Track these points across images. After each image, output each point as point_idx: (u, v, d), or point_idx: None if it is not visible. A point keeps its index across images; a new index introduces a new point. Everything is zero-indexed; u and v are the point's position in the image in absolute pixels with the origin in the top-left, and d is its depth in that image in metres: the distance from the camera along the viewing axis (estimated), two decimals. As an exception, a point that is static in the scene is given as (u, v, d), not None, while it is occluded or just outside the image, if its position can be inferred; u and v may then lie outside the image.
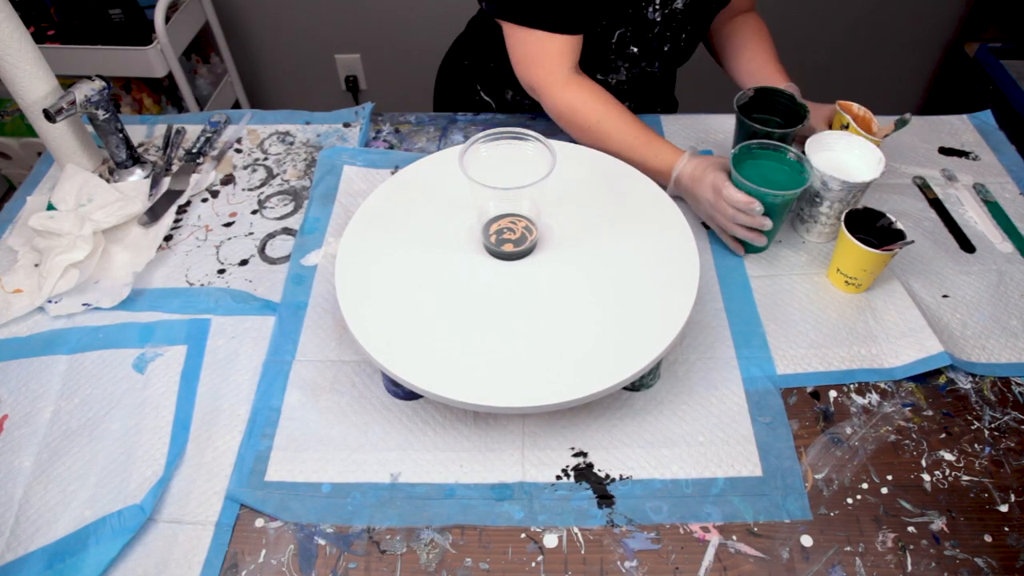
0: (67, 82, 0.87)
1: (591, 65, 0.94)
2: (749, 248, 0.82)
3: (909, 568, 0.59)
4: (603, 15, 0.86)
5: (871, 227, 0.77)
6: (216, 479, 0.65)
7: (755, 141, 0.79)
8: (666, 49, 0.94)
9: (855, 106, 0.88)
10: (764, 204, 0.75)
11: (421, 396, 0.68)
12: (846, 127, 0.85)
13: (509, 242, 0.70)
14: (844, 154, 0.82)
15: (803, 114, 0.84)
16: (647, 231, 0.75)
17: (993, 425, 0.69)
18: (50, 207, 0.86)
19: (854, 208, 0.78)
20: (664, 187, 0.82)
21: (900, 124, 0.85)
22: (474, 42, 1.06)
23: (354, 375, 0.72)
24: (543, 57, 0.83)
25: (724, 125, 1.01)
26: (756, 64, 0.95)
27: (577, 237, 0.75)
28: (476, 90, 1.07)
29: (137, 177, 0.93)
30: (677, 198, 0.87)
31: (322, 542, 0.61)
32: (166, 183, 0.93)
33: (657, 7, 0.86)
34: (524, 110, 1.05)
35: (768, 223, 0.76)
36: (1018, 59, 1.83)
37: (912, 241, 0.76)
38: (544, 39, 0.82)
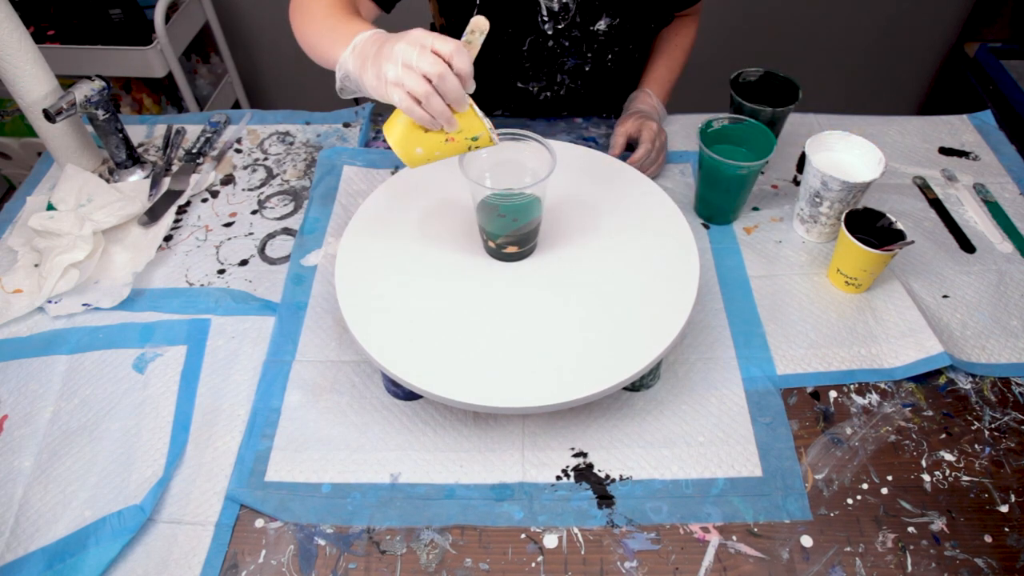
0: (67, 82, 0.87)
1: (509, 72, 0.95)
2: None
3: (909, 568, 0.59)
4: (506, 22, 0.87)
5: (871, 227, 0.77)
6: (216, 479, 0.65)
7: None
8: (587, 69, 0.94)
9: None
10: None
11: (421, 396, 0.68)
12: None
13: (512, 245, 0.70)
14: (844, 154, 0.82)
15: (795, 96, 0.87)
16: (647, 231, 0.75)
17: (993, 425, 0.69)
18: (50, 207, 0.86)
19: (854, 208, 0.78)
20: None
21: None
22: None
23: (354, 375, 0.72)
24: None
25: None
26: (647, 78, 0.99)
27: (577, 237, 0.75)
28: None
29: (137, 177, 0.93)
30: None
31: (322, 542, 0.61)
32: (166, 183, 0.93)
33: (546, 18, 0.87)
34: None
35: (455, 121, 0.58)
36: (1018, 59, 1.83)
37: (912, 241, 0.76)
38: None
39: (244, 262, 0.84)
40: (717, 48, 1.89)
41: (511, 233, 0.69)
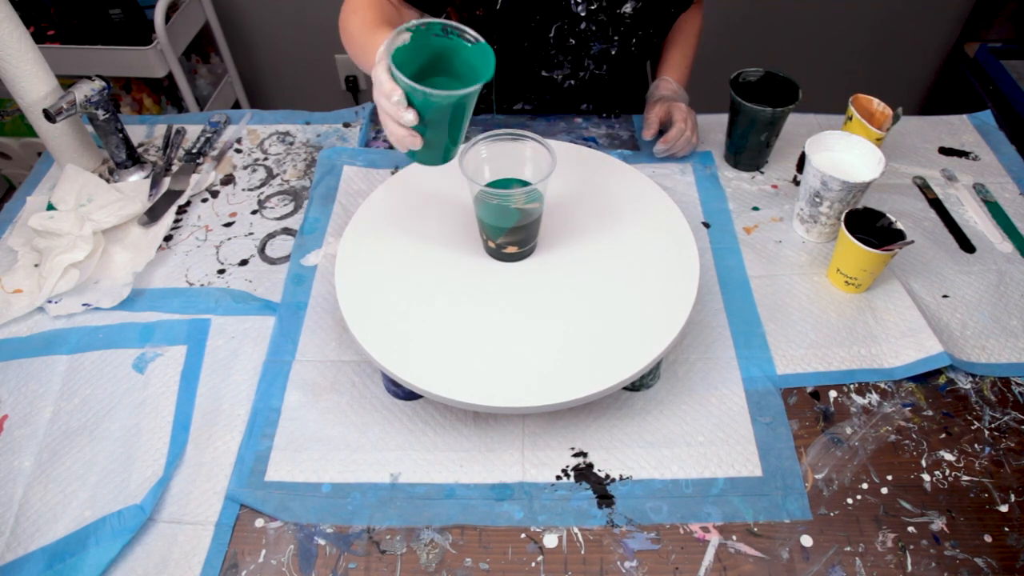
0: (67, 82, 0.87)
1: (533, 59, 0.95)
2: (412, 155, 0.68)
3: (909, 568, 0.59)
4: (534, 9, 0.89)
5: (871, 227, 0.77)
6: (216, 479, 0.65)
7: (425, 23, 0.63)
8: (613, 53, 0.95)
9: (875, 102, 0.89)
10: (420, 104, 0.61)
11: (421, 396, 0.68)
12: (851, 119, 0.87)
13: (511, 245, 0.70)
14: (844, 154, 0.82)
15: (795, 96, 0.88)
16: (647, 231, 0.75)
17: (993, 425, 0.69)
18: (50, 207, 0.86)
19: (854, 208, 0.78)
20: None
21: (895, 119, 0.87)
22: None
23: (354, 375, 0.72)
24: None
25: (721, 124, 1.01)
26: (664, 65, 1.02)
27: (577, 237, 0.75)
28: None
29: (137, 177, 0.93)
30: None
31: (322, 542, 0.61)
32: (166, 183, 0.93)
33: (579, 2, 0.88)
34: (500, 111, 1.07)
35: (408, 117, 0.61)
36: (1018, 59, 1.83)
37: (912, 241, 0.76)
38: None
39: (244, 262, 0.84)
40: (717, 48, 1.89)
41: (511, 231, 0.69)
